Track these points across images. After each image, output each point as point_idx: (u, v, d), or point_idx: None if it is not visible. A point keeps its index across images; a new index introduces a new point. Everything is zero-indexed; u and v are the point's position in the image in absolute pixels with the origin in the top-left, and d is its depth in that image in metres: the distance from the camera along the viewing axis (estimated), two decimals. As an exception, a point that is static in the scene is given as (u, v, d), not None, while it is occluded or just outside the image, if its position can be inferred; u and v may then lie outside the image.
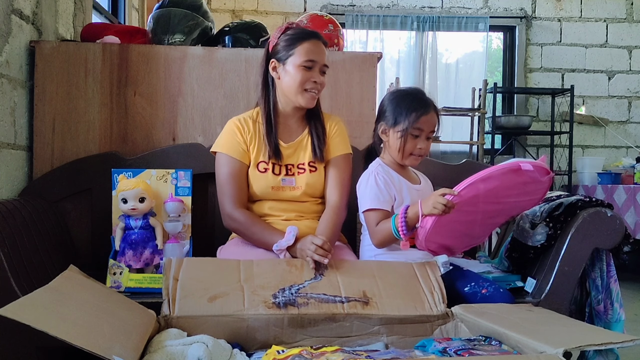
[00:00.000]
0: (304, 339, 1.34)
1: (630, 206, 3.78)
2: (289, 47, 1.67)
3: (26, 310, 1.00)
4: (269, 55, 1.72)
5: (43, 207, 1.80)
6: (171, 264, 1.43)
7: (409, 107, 1.64)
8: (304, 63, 1.65)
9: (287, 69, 1.68)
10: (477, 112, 4.46)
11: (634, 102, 4.94)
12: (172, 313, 1.31)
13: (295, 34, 1.69)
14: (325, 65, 1.71)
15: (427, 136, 1.67)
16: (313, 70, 1.67)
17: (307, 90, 1.68)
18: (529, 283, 1.72)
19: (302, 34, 1.69)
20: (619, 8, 4.90)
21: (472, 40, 5.02)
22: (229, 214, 1.68)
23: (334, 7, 4.77)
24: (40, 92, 1.97)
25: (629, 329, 1.76)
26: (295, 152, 1.75)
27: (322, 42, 1.71)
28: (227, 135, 1.74)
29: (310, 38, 1.68)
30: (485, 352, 1.18)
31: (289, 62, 1.67)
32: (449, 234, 1.57)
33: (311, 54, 1.66)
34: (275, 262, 1.52)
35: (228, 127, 1.75)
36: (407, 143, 1.64)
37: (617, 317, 1.67)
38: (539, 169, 1.49)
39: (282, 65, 1.69)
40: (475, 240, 1.72)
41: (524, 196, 1.56)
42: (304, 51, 1.66)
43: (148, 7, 3.72)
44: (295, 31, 1.71)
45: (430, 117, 1.65)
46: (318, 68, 1.68)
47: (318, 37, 1.71)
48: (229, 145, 1.72)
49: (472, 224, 1.59)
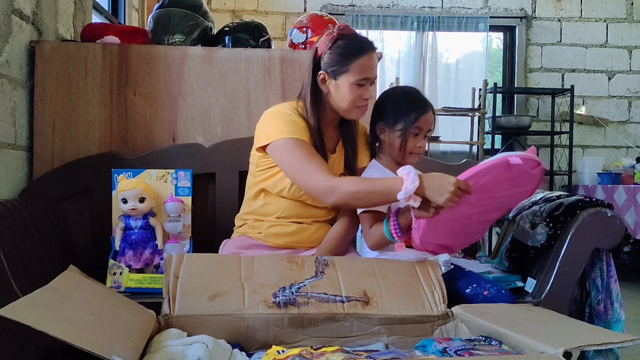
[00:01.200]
0: (304, 339, 1.34)
1: (630, 206, 3.78)
2: (343, 63, 1.56)
3: (26, 310, 1.00)
4: (317, 64, 1.61)
5: (43, 207, 1.80)
6: (172, 261, 1.43)
7: (409, 107, 1.64)
8: (358, 82, 1.56)
9: (338, 85, 1.58)
10: (477, 112, 4.46)
11: (634, 102, 4.94)
12: (173, 312, 1.31)
13: (349, 48, 1.57)
14: (375, 78, 1.62)
15: (424, 135, 1.68)
16: (365, 86, 1.58)
17: (358, 107, 1.60)
18: (529, 283, 1.72)
19: (357, 49, 1.57)
20: (619, 8, 4.90)
21: (472, 40, 5.02)
22: (330, 188, 1.49)
23: (334, 7, 4.77)
24: (40, 92, 1.97)
25: (629, 329, 1.76)
26: (333, 162, 1.69)
27: (374, 50, 1.60)
28: (286, 122, 1.59)
29: (365, 52, 1.57)
30: (485, 352, 1.17)
31: (342, 78, 1.57)
32: (445, 233, 1.56)
33: (366, 71, 1.56)
34: (276, 259, 1.51)
35: (285, 115, 1.60)
36: (407, 142, 1.65)
37: (617, 317, 1.67)
38: (528, 161, 1.45)
39: (334, 79, 1.58)
40: (472, 237, 1.70)
41: (516, 188, 1.53)
42: (359, 69, 1.55)
43: (148, 7, 3.72)
44: (348, 43, 1.57)
45: (429, 116, 1.66)
46: (370, 82, 1.60)
47: (372, 48, 1.59)
48: (294, 129, 1.57)
49: (468, 221, 1.58)
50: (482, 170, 1.40)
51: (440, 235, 1.55)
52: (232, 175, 1.97)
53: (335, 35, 1.59)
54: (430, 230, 1.49)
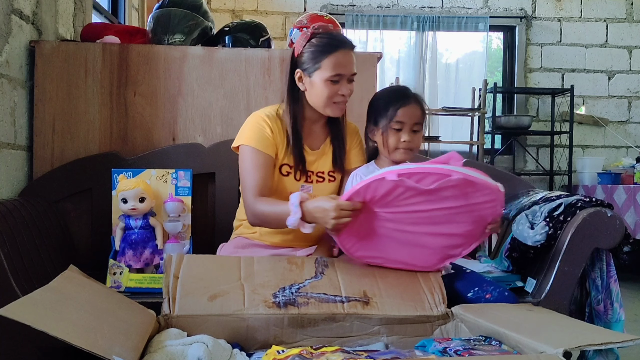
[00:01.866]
0: (304, 339, 1.34)
1: (630, 206, 3.78)
2: (315, 60, 1.59)
3: (26, 310, 1.00)
4: (294, 63, 1.64)
5: (43, 207, 1.80)
6: (172, 261, 1.43)
7: (387, 103, 1.63)
8: (331, 78, 1.58)
9: (313, 82, 1.61)
10: (477, 112, 4.46)
11: (634, 102, 4.94)
12: (173, 312, 1.31)
13: (321, 45, 1.59)
14: (353, 74, 1.63)
15: (411, 129, 1.62)
16: (340, 83, 1.60)
17: (335, 102, 1.62)
18: (529, 283, 1.72)
19: (328, 46, 1.59)
20: (619, 8, 4.90)
21: (472, 40, 5.02)
22: (250, 205, 1.58)
23: (334, 7, 4.77)
24: (40, 92, 1.97)
25: (629, 329, 1.76)
26: (319, 159, 1.71)
27: (351, 48, 1.62)
28: (253, 129, 1.64)
29: (337, 49, 1.59)
30: (485, 352, 1.17)
31: (315, 75, 1.60)
32: (381, 248, 1.49)
33: (338, 68, 1.58)
34: (275, 260, 1.52)
35: (254, 121, 1.66)
36: (389, 138, 1.62)
37: (617, 317, 1.67)
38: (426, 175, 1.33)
39: (309, 77, 1.61)
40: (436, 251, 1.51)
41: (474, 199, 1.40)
42: (331, 65, 1.57)
43: (148, 7, 3.72)
44: (321, 41, 1.60)
45: (410, 108, 1.61)
46: (346, 79, 1.61)
47: (345, 46, 1.61)
48: (257, 138, 1.63)
49: (406, 236, 1.46)
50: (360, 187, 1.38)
51: (376, 250, 1.51)
52: (232, 175, 1.97)
53: (309, 35, 1.62)
54: (360, 246, 1.50)
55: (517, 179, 2.14)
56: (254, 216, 1.60)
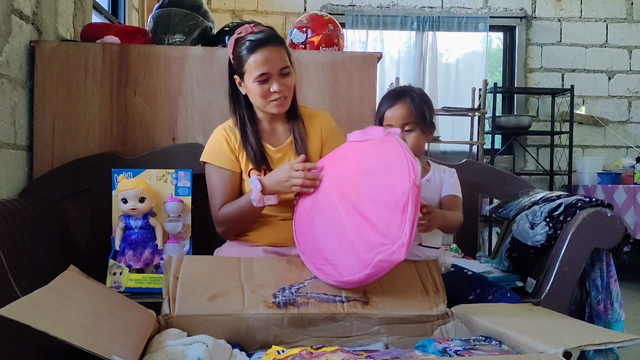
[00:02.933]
0: (304, 338, 1.34)
1: (630, 206, 3.78)
2: (240, 65, 1.62)
3: (26, 310, 1.00)
4: (232, 70, 1.67)
5: (43, 207, 1.80)
6: (171, 262, 1.43)
7: (380, 105, 1.66)
8: (257, 78, 1.59)
9: (247, 85, 1.64)
10: (477, 112, 4.46)
11: (634, 102, 4.94)
12: (173, 312, 1.31)
13: (243, 48, 1.60)
14: (283, 68, 1.61)
15: (402, 129, 1.58)
16: (270, 80, 1.60)
17: (271, 100, 1.63)
18: (529, 283, 1.72)
19: (248, 47, 1.59)
20: (619, 8, 4.90)
21: (472, 40, 5.02)
22: (216, 218, 1.68)
23: (334, 7, 4.77)
24: (40, 92, 1.97)
25: (629, 329, 1.76)
26: (286, 154, 1.72)
27: (275, 43, 1.61)
28: (213, 145, 1.71)
29: (257, 48, 1.58)
30: (485, 352, 1.17)
31: (246, 78, 1.62)
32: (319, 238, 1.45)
33: (261, 67, 1.58)
34: (275, 261, 1.52)
35: (214, 137, 1.73)
36: None
37: (617, 317, 1.67)
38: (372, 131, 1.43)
39: (243, 80, 1.65)
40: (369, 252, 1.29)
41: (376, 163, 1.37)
42: (254, 66, 1.58)
43: (148, 7, 3.72)
44: (241, 44, 1.61)
45: (396, 109, 1.60)
46: (275, 75, 1.60)
47: (267, 42, 1.59)
48: (216, 154, 1.70)
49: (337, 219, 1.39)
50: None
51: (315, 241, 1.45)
52: (232, 175, 1.97)
53: (234, 41, 1.65)
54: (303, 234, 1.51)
55: (517, 179, 2.15)
56: (220, 224, 1.67)
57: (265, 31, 1.63)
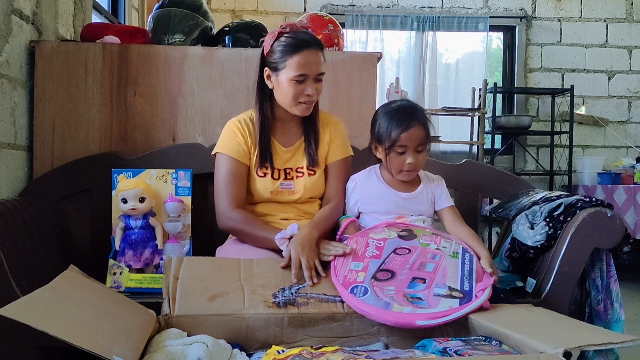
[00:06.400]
0: (304, 338, 1.34)
1: (630, 206, 3.78)
2: (281, 59, 1.60)
3: (26, 310, 1.00)
4: (263, 61, 1.66)
5: (43, 207, 1.80)
6: (171, 263, 1.43)
7: (389, 125, 1.59)
8: (295, 77, 1.59)
9: (279, 81, 1.62)
10: (477, 112, 4.46)
11: (634, 102, 4.94)
12: (173, 312, 1.31)
13: (287, 44, 1.60)
14: (320, 74, 1.63)
15: (415, 150, 1.59)
16: (306, 82, 1.61)
17: (300, 102, 1.63)
18: (529, 283, 1.72)
19: (294, 45, 1.59)
20: (619, 8, 4.90)
21: (472, 40, 5.02)
22: (224, 213, 1.64)
23: (334, 7, 4.77)
24: (40, 92, 1.97)
25: (629, 329, 1.76)
26: (294, 156, 1.73)
27: (318, 48, 1.62)
28: (227, 136, 1.70)
29: (303, 49, 1.59)
30: (485, 352, 1.17)
31: (281, 74, 1.61)
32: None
33: (303, 68, 1.58)
34: (275, 262, 1.52)
35: (228, 128, 1.72)
36: (393, 160, 1.61)
37: (617, 317, 1.67)
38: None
39: (275, 75, 1.63)
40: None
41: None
42: (295, 65, 1.58)
43: (148, 7, 3.72)
44: (287, 40, 1.61)
45: (413, 132, 1.57)
46: (312, 79, 1.61)
47: (312, 45, 1.61)
48: (230, 145, 1.68)
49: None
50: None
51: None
52: (232, 175, 1.97)
53: (277, 33, 1.63)
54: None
55: (517, 179, 2.14)
56: (229, 221, 1.64)
57: (310, 33, 1.66)
